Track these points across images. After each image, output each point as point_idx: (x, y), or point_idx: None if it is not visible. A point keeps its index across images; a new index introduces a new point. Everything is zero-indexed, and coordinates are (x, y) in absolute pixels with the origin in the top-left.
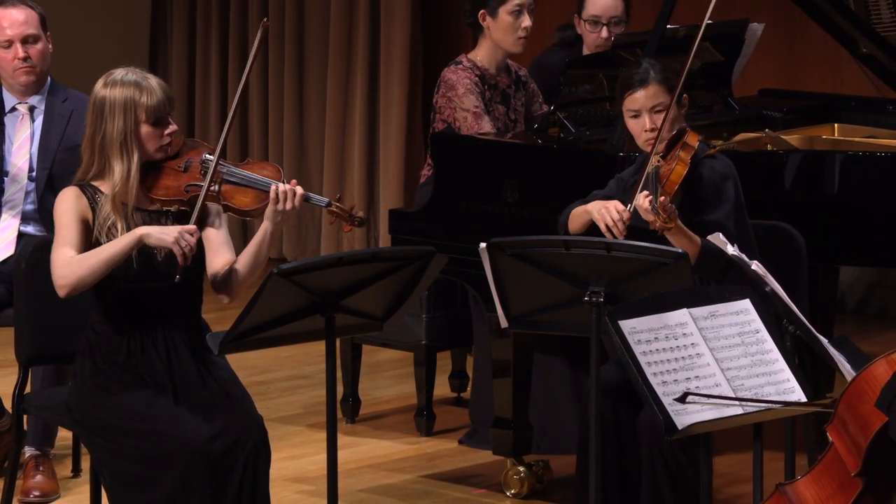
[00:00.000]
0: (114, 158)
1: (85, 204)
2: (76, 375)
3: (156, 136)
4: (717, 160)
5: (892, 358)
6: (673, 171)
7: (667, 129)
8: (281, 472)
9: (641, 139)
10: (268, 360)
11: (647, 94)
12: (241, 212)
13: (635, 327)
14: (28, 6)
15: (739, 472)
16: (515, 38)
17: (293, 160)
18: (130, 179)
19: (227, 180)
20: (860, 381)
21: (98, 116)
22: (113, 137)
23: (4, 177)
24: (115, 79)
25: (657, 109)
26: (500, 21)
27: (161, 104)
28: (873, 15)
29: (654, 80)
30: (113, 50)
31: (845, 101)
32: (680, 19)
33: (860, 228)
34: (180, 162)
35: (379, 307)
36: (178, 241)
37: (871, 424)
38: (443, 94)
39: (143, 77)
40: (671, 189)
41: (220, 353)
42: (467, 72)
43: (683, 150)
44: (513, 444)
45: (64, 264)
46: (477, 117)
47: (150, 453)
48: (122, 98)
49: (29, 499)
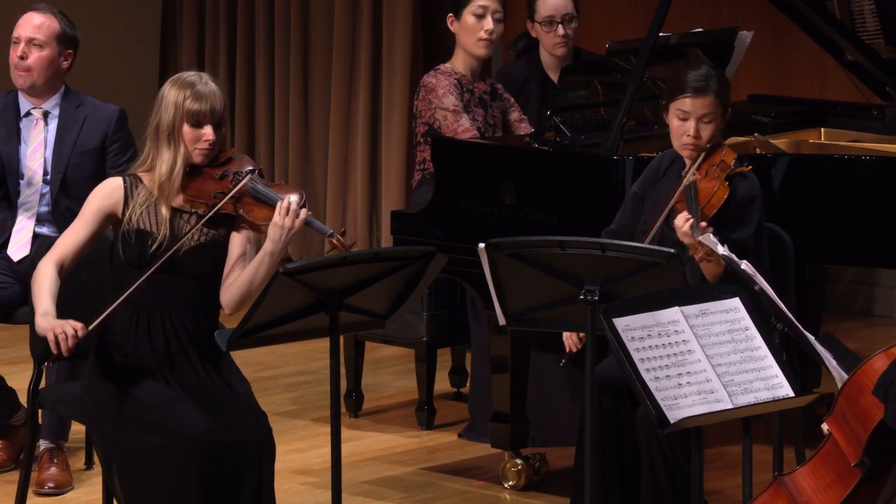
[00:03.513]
0: (163, 147)
1: (119, 196)
2: (87, 368)
3: (193, 138)
4: (748, 179)
5: (891, 352)
6: (715, 195)
7: (708, 140)
8: (286, 464)
9: (680, 141)
10: (274, 356)
11: (703, 102)
12: (254, 224)
13: (629, 325)
14: (54, 17)
15: (729, 464)
16: (476, 39)
17: (298, 164)
18: (175, 171)
19: (251, 194)
20: (860, 374)
21: (157, 108)
22: (163, 128)
23: (20, 180)
24: (179, 77)
25: (706, 119)
26: (464, 23)
27: (202, 110)
28: (858, 23)
29: (712, 91)
30: (124, 58)
31: (831, 106)
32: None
33: (846, 229)
34: (219, 171)
35: (381, 305)
36: (55, 330)
37: (871, 416)
38: (422, 97)
39: (204, 83)
40: (710, 212)
41: (228, 349)
42: (446, 76)
43: (719, 167)
44: (510, 438)
45: (44, 265)
46: (456, 115)
47: (154, 443)
48: (175, 94)
49: (44, 490)
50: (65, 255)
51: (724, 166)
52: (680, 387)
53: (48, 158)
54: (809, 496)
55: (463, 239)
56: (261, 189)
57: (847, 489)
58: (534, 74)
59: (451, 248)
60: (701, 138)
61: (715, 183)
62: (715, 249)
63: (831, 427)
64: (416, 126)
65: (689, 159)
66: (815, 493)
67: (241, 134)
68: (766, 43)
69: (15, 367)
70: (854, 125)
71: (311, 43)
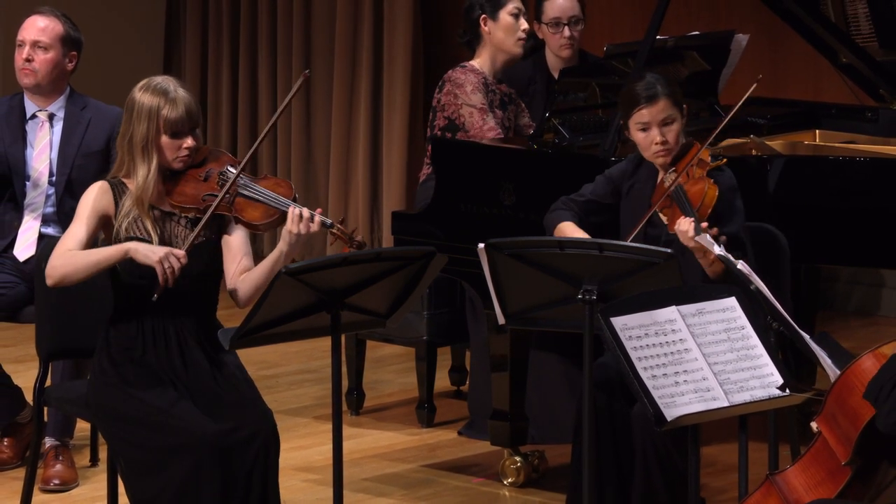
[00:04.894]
0: (137, 160)
1: (109, 199)
2: (94, 369)
3: (172, 148)
4: (724, 172)
5: (879, 352)
6: (707, 195)
7: (675, 141)
8: (289, 461)
9: (651, 151)
10: (276, 355)
11: (657, 108)
12: (250, 225)
13: (627, 324)
14: (58, 20)
15: (726, 462)
16: (516, 38)
17: (300, 165)
18: (148, 182)
19: (242, 193)
20: (849, 374)
21: (129, 117)
22: (136, 140)
23: (26, 181)
24: (150, 84)
25: (666, 122)
26: (502, 23)
27: (181, 119)
28: (852, 27)
29: (662, 95)
30: (128, 60)
31: (826, 108)
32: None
33: (840, 229)
34: (202, 171)
35: (382, 305)
36: (163, 262)
37: (860, 416)
38: (448, 91)
39: (175, 89)
40: (706, 212)
41: (231, 348)
42: (474, 73)
43: (700, 166)
44: (510, 435)
45: (60, 255)
46: (483, 113)
47: (163, 444)
48: (148, 105)
49: (49, 486)
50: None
51: (703, 164)
52: (677, 385)
53: (53, 160)
54: (801, 494)
55: (463, 239)
56: (251, 186)
57: (838, 487)
58: (539, 75)
59: (451, 248)
60: (668, 142)
61: (703, 183)
62: (711, 250)
63: (821, 426)
64: (435, 119)
65: (662, 167)
66: (806, 491)
67: (243, 134)
68: (762, 46)
69: (21, 365)
70: (848, 127)
71: (313, 44)
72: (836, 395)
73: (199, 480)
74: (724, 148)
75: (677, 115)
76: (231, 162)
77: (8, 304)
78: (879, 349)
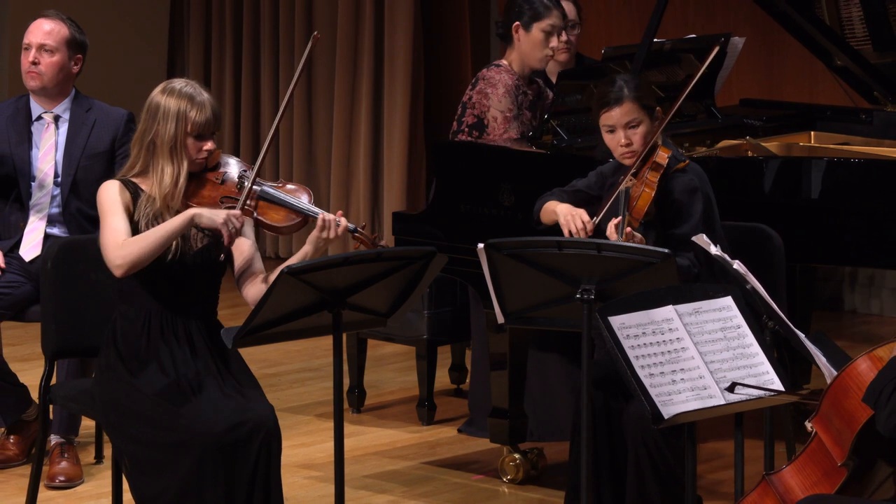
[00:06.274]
0: (164, 161)
1: (128, 196)
2: (100, 367)
3: (195, 149)
4: (687, 174)
5: (873, 354)
6: (640, 198)
7: (641, 144)
8: (291, 458)
9: (617, 153)
10: (278, 353)
11: (622, 111)
12: (272, 227)
13: (624, 323)
14: (63, 23)
15: (721, 460)
16: (542, 55)
17: (302, 165)
18: (179, 183)
19: (262, 197)
20: (844, 377)
21: (151, 118)
22: (164, 141)
23: (32, 182)
24: (173, 88)
25: (632, 125)
26: (532, 37)
27: (208, 121)
28: (847, 30)
29: (627, 98)
30: (132, 62)
31: (821, 110)
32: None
33: (835, 229)
34: (219, 174)
35: (383, 304)
36: (227, 223)
37: (857, 418)
38: (480, 89)
39: (199, 92)
40: (638, 215)
41: (234, 347)
42: (509, 74)
43: (653, 169)
44: (509, 433)
45: (118, 246)
46: (507, 121)
47: (167, 441)
48: (175, 107)
49: (55, 483)
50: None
51: (657, 167)
52: (674, 383)
53: (59, 161)
54: (797, 494)
55: (463, 239)
56: (271, 192)
57: (834, 487)
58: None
59: (451, 248)
60: (633, 143)
61: (642, 187)
62: (708, 250)
63: (817, 427)
64: (464, 115)
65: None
66: (802, 491)
67: (246, 136)
68: (758, 48)
69: (27, 363)
70: (843, 129)
71: (315, 47)
72: (832, 398)
73: (203, 477)
74: (721, 149)
75: (644, 118)
76: (245, 167)
77: (14, 304)
78: (874, 352)
